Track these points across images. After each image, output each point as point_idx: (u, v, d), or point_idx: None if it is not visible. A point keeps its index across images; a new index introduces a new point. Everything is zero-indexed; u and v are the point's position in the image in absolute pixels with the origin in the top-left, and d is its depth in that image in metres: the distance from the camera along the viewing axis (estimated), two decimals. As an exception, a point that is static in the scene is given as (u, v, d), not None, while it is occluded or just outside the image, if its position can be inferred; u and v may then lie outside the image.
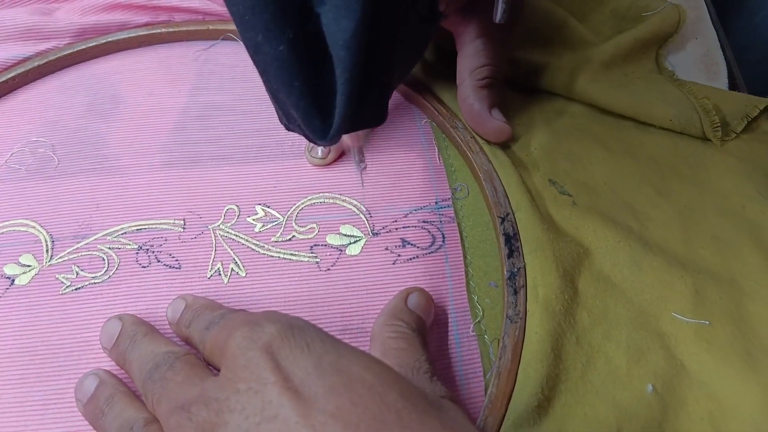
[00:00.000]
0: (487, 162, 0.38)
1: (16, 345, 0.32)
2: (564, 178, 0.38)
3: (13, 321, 0.33)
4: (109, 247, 0.35)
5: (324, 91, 0.25)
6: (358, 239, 0.36)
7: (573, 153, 0.39)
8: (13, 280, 0.34)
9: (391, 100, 0.33)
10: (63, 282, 0.34)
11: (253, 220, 0.37)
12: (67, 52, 0.44)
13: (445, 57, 0.43)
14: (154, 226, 0.36)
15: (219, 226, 0.36)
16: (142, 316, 0.32)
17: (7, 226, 0.36)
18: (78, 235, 0.36)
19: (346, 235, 0.36)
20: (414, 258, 0.35)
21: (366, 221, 0.37)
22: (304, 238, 0.36)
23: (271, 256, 0.35)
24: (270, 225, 0.36)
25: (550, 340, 0.30)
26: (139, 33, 0.46)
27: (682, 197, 0.37)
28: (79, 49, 0.45)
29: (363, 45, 0.24)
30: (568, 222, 0.35)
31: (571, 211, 0.36)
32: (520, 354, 0.30)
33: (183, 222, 0.36)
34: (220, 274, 0.34)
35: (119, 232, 0.36)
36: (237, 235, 0.36)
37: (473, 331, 0.32)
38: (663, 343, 0.31)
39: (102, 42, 0.45)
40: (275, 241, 0.36)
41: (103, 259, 0.35)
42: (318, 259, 0.35)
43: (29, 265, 0.35)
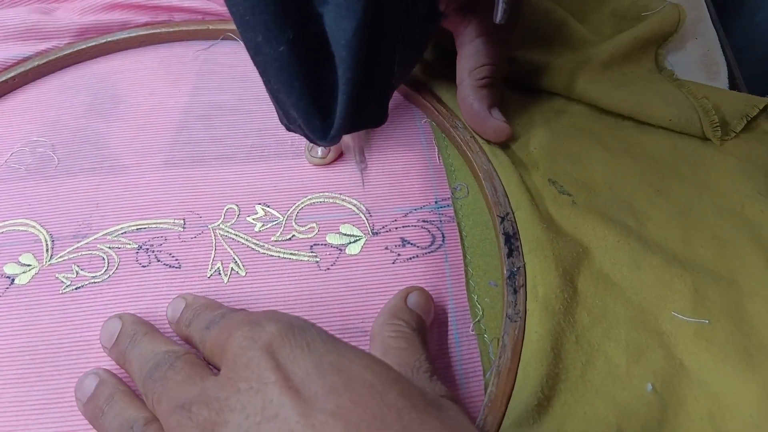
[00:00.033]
0: (486, 161, 0.38)
1: (16, 344, 0.32)
2: (563, 177, 0.38)
3: (13, 320, 0.33)
4: (109, 247, 0.35)
5: (324, 92, 0.25)
6: (357, 239, 0.36)
7: (572, 152, 0.39)
8: (13, 280, 0.34)
9: (390, 100, 0.33)
10: (63, 281, 0.34)
11: (253, 219, 0.37)
12: (67, 52, 0.44)
13: (445, 56, 0.43)
14: (154, 226, 0.36)
15: (219, 225, 0.36)
16: (142, 315, 0.32)
17: (7, 225, 0.36)
18: (78, 235, 0.36)
19: (345, 235, 0.36)
20: (414, 257, 0.35)
21: (366, 221, 0.37)
22: (304, 237, 0.36)
23: (271, 256, 0.35)
24: (270, 224, 0.37)
25: (549, 339, 0.30)
26: (140, 33, 0.46)
27: (681, 196, 0.38)
28: (79, 48, 0.45)
29: (364, 45, 0.24)
30: (568, 221, 0.35)
31: (570, 211, 0.36)
32: (520, 353, 0.30)
33: (183, 221, 0.36)
34: (220, 274, 0.34)
35: (119, 232, 0.36)
36: (237, 235, 0.36)
37: (473, 330, 0.32)
38: (662, 342, 0.31)
39: (102, 42, 0.45)
40: (275, 240, 0.36)
41: (103, 259, 0.35)
42: (318, 259, 0.35)
43: (29, 265, 0.35)
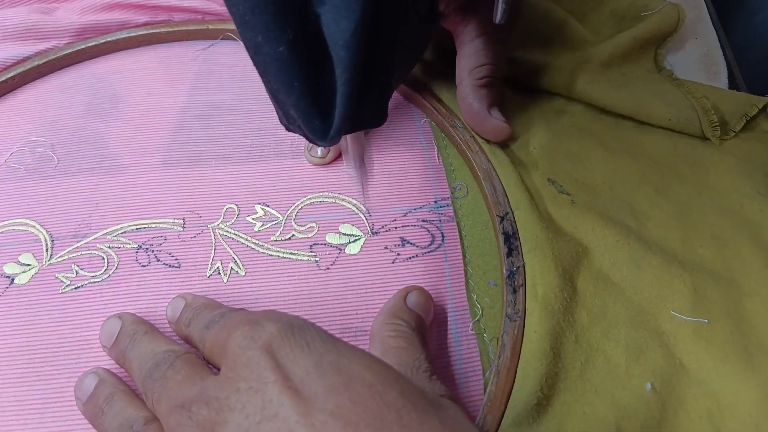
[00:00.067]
0: (486, 161, 0.38)
1: (15, 344, 0.32)
2: (563, 177, 0.38)
3: (12, 320, 0.33)
4: (109, 247, 0.35)
5: (324, 92, 0.25)
6: (357, 238, 0.36)
7: (572, 152, 0.39)
8: (13, 279, 0.34)
9: (390, 100, 0.33)
10: (63, 281, 0.34)
11: (253, 219, 0.37)
12: (66, 52, 0.44)
13: (445, 56, 0.43)
14: (153, 226, 0.36)
15: (218, 225, 0.36)
16: (141, 315, 0.32)
17: (7, 225, 0.36)
18: (77, 235, 0.36)
19: (345, 234, 0.36)
20: (413, 257, 0.35)
21: (365, 220, 0.37)
22: (304, 237, 0.36)
23: (271, 255, 0.35)
24: (269, 224, 0.37)
25: (549, 338, 0.30)
26: (139, 32, 0.46)
27: (681, 196, 0.38)
28: (78, 48, 0.45)
29: (363, 45, 0.24)
30: (567, 221, 0.35)
31: (570, 210, 0.36)
32: (519, 352, 0.30)
33: (182, 221, 0.37)
34: (219, 273, 0.34)
35: (119, 232, 0.36)
36: (236, 235, 0.36)
37: (472, 330, 0.32)
38: (662, 341, 0.31)
39: (101, 42, 0.45)
40: (275, 240, 0.36)
41: (103, 259, 0.35)
42: (317, 258, 0.35)
43: (29, 264, 0.35)
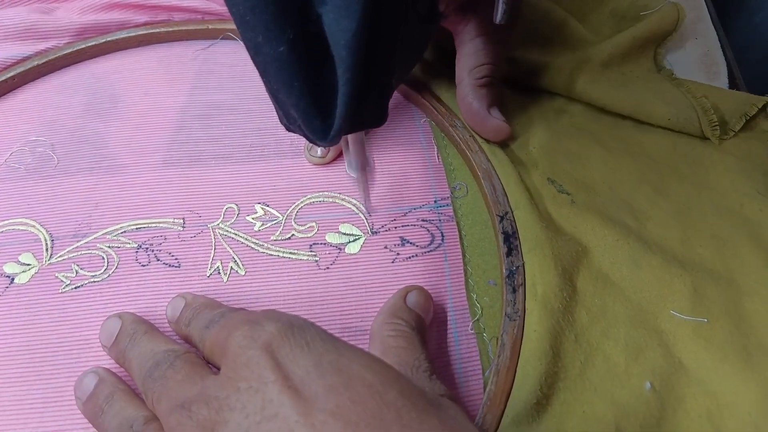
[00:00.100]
0: (486, 161, 0.38)
1: (15, 343, 0.32)
2: (563, 176, 0.38)
3: (12, 319, 0.33)
4: (109, 246, 0.35)
5: (324, 92, 0.25)
6: (357, 238, 0.36)
7: (572, 152, 0.39)
8: (13, 279, 0.34)
9: (390, 100, 0.33)
10: (62, 281, 0.34)
11: (253, 218, 0.37)
12: (66, 52, 0.44)
13: (444, 56, 0.43)
14: (153, 225, 0.36)
15: (218, 224, 0.36)
16: (141, 314, 0.32)
17: (7, 225, 0.36)
18: (77, 234, 0.36)
19: (345, 234, 0.36)
20: (413, 256, 0.35)
21: (365, 220, 0.37)
22: (304, 236, 0.36)
23: (271, 255, 0.35)
24: (269, 224, 0.37)
25: (548, 338, 0.30)
26: (139, 32, 0.46)
27: (680, 196, 0.38)
28: (78, 48, 0.45)
29: (363, 45, 0.24)
30: (567, 220, 0.35)
31: (569, 210, 0.36)
32: (519, 352, 0.30)
33: (182, 221, 0.37)
34: (219, 273, 0.34)
35: (119, 231, 0.36)
36: (236, 234, 0.36)
37: (472, 329, 0.32)
38: (661, 340, 0.31)
39: (101, 41, 0.45)
40: (274, 239, 0.36)
41: (103, 258, 0.35)
42: (317, 258, 0.35)
43: (29, 264, 0.35)
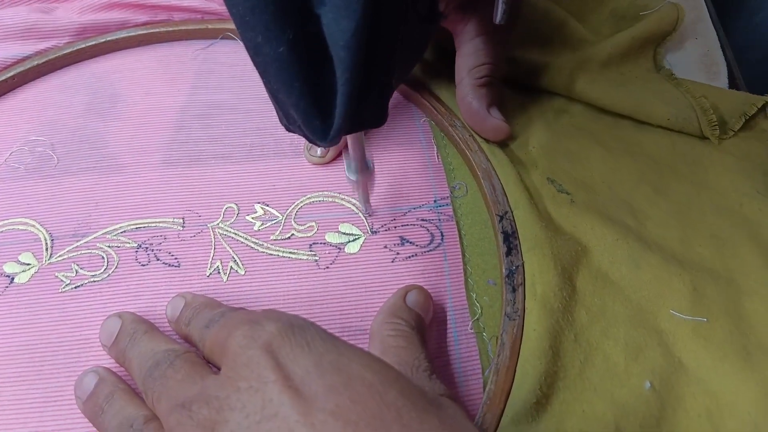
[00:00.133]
0: (485, 160, 0.38)
1: (15, 343, 0.32)
2: (562, 176, 0.38)
3: (12, 319, 0.33)
4: (109, 246, 0.35)
5: (324, 92, 0.25)
6: (356, 237, 0.36)
7: (571, 151, 0.39)
8: (13, 279, 0.34)
9: (390, 100, 0.33)
10: (62, 280, 0.34)
11: (252, 218, 0.37)
12: (66, 51, 0.44)
13: (444, 56, 0.43)
14: (153, 225, 0.36)
15: (218, 224, 0.36)
16: (141, 314, 0.32)
17: (7, 224, 0.36)
18: (77, 234, 0.36)
19: (345, 234, 0.36)
20: (413, 256, 0.35)
21: (365, 219, 0.37)
22: (303, 236, 0.36)
23: (270, 255, 0.35)
24: (269, 223, 0.37)
25: (548, 337, 0.30)
26: (138, 32, 0.46)
27: (680, 195, 0.38)
28: (78, 48, 0.45)
29: (363, 45, 0.24)
30: (567, 220, 0.35)
31: (569, 209, 0.36)
32: (519, 351, 0.30)
33: (182, 220, 0.37)
34: (219, 273, 0.35)
35: (118, 231, 0.36)
36: (236, 234, 0.36)
37: (472, 329, 0.32)
38: (661, 340, 0.31)
39: (101, 41, 0.45)
40: (274, 239, 0.36)
41: (103, 258, 0.35)
42: (317, 258, 0.35)
43: (29, 264, 0.35)
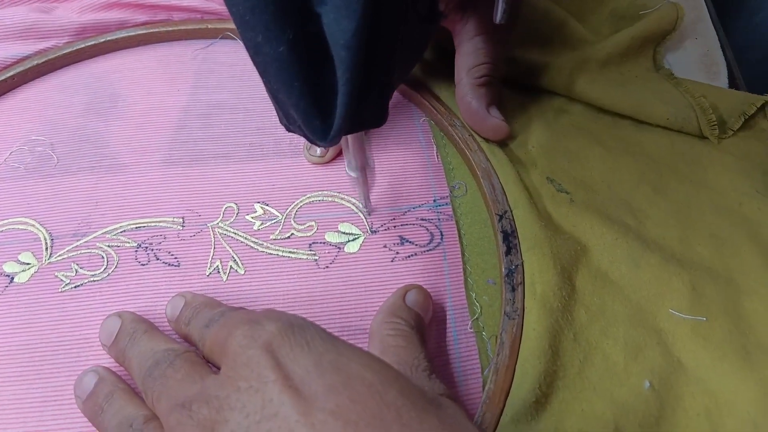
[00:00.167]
0: (485, 160, 0.38)
1: (15, 342, 0.32)
2: (562, 175, 0.38)
3: (12, 318, 0.33)
4: (108, 245, 0.35)
5: (324, 92, 0.25)
6: (356, 237, 0.36)
7: (571, 151, 0.39)
8: (13, 278, 0.34)
9: (390, 100, 0.33)
10: (62, 280, 0.34)
11: (252, 218, 0.37)
12: (66, 51, 0.44)
13: (444, 56, 0.43)
14: (153, 224, 0.36)
15: (218, 224, 0.36)
16: (141, 313, 0.32)
17: (7, 224, 0.36)
18: (77, 233, 0.36)
19: (344, 233, 0.36)
20: (412, 255, 0.35)
21: (364, 219, 0.37)
22: (303, 235, 0.36)
23: (270, 254, 0.35)
24: (269, 223, 0.37)
25: (547, 336, 0.30)
26: (138, 32, 0.46)
27: (679, 195, 0.38)
28: (78, 48, 0.45)
29: (363, 45, 0.24)
30: (566, 219, 0.35)
31: (568, 209, 0.36)
32: (518, 351, 0.30)
33: (182, 220, 0.37)
34: (218, 272, 0.35)
35: (118, 230, 0.36)
36: (236, 233, 0.36)
37: (471, 328, 0.32)
38: (660, 339, 0.31)
39: (101, 41, 0.45)
40: (274, 238, 0.36)
41: (102, 257, 0.35)
42: (317, 257, 0.35)
43: (28, 263, 0.35)
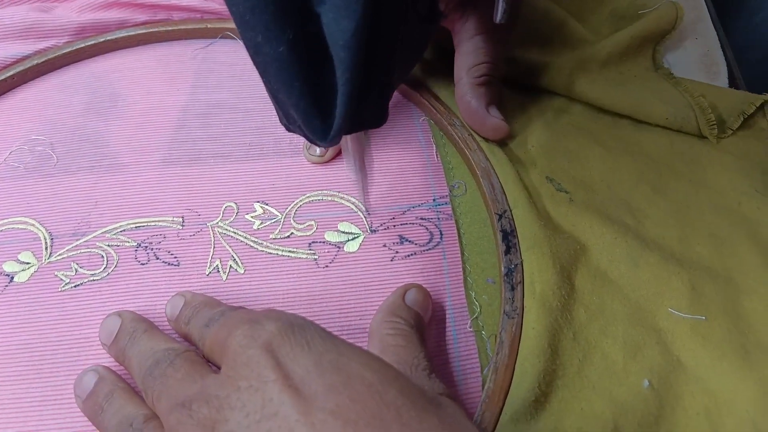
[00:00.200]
0: (484, 159, 0.38)
1: (15, 342, 0.32)
2: (561, 175, 0.38)
3: (12, 318, 0.33)
4: (108, 245, 0.35)
5: (324, 92, 0.25)
6: (356, 236, 0.36)
7: (570, 151, 0.39)
8: (12, 278, 0.34)
9: (390, 99, 0.33)
10: (62, 279, 0.34)
11: (252, 217, 0.37)
12: (65, 51, 0.44)
13: (444, 55, 0.43)
14: (152, 224, 0.36)
15: (218, 223, 0.36)
16: (141, 313, 0.32)
17: (7, 223, 0.36)
18: (77, 233, 0.36)
19: (344, 233, 0.36)
20: (412, 255, 0.35)
21: (364, 218, 0.37)
22: (303, 235, 0.36)
23: (270, 253, 0.35)
24: (268, 222, 0.37)
25: (547, 335, 0.30)
26: (138, 31, 0.46)
27: (678, 194, 0.38)
28: (77, 47, 0.45)
29: (363, 45, 0.24)
30: (565, 219, 0.35)
31: (568, 208, 0.36)
32: (517, 350, 0.30)
33: (182, 219, 0.37)
34: (218, 271, 0.35)
35: (118, 230, 0.36)
36: (235, 233, 0.36)
37: (471, 327, 0.32)
38: (659, 338, 0.31)
39: (101, 40, 0.45)
40: (274, 238, 0.36)
41: (102, 257, 0.35)
42: (316, 256, 0.35)
43: (28, 263, 0.35)
